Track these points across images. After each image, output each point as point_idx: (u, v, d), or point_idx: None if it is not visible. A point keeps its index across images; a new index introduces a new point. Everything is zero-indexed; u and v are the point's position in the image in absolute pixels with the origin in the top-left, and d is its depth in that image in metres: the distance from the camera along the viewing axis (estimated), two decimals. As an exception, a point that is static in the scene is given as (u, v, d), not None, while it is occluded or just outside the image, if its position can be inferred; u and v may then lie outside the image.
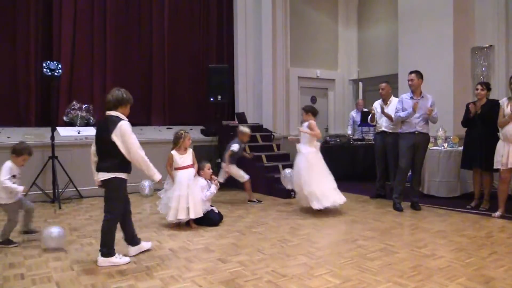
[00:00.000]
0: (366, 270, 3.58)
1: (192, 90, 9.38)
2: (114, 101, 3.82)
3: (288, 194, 7.01)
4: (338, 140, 9.41)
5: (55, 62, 6.79)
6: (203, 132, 8.59)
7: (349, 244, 4.40)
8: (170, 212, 4.99)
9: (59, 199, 6.47)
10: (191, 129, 8.41)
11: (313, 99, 11.05)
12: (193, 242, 4.51)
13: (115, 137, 3.70)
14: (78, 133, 7.45)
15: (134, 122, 8.23)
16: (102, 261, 3.77)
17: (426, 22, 8.22)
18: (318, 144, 6.09)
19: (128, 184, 3.98)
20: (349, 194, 7.40)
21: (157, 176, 3.97)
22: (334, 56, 11.39)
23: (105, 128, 3.76)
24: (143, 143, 4.02)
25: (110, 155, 3.75)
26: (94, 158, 3.91)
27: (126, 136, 3.72)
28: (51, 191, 6.72)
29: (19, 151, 4.45)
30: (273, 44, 9.68)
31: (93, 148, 3.93)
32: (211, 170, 5.51)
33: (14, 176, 4.39)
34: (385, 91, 6.79)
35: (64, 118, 7.83)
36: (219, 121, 8.44)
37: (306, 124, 6.07)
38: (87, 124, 7.89)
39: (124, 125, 3.74)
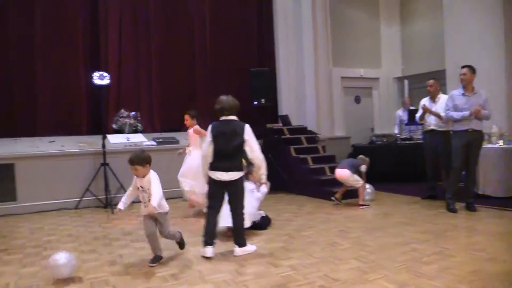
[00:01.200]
0: (423, 275, 3.45)
1: (235, 94, 9.35)
2: (235, 107, 4.38)
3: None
4: (385, 140, 9.20)
5: (103, 72, 7.03)
6: (247, 135, 8.63)
7: (402, 247, 4.26)
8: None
9: (111, 205, 6.70)
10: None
11: (357, 99, 10.87)
12: (243, 246, 4.52)
13: (247, 137, 4.17)
14: (127, 140, 7.69)
15: (178, 128, 8.55)
16: (241, 251, 4.17)
17: (474, 14, 7.83)
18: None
19: (171, 189, 4.08)
20: (398, 195, 7.23)
21: (265, 177, 4.41)
22: (377, 55, 11.16)
23: (235, 130, 4.19)
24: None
25: (239, 155, 4.20)
26: (209, 160, 4.17)
27: (251, 137, 4.21)
28: (104, 196, 6.95)
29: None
30: (315, 44, 9.60)
31: (210, 150, 4.19)
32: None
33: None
34: (433, 88, 6.55)
35: (113, 125, 8.11)
36: (263, 125, 8.45)
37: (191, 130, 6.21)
38: (135, 131, 8.13)
39: (249, 127, 4.24)
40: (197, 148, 5.93)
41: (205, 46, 9.33)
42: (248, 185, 5.28)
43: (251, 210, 4.85)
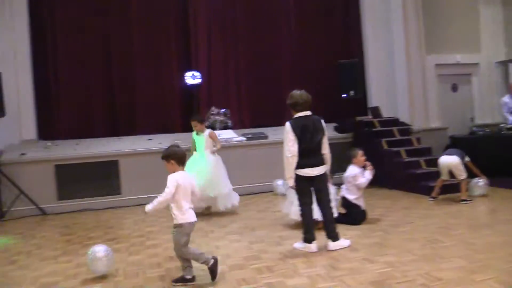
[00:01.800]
0: (540, 277, 3.13)
1: (322, 88, 9.32)
2: (309, 101, 4.25)
3: (432, 191, 6.49)
4: (487, 130, 8.46)
5: (195, 72, 7.33)
6: (337, 129, 8.47)
7: (513, 246, 3.90)
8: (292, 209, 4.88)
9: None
10: (324, 127, 8.40)
11: (454, 87, 10.12)
12: (336, 240, 4.44)
13: (325, 131, 4.21)
14: (219, 136, 7.93)
15: (267, 123, 8.66)
16: (334, 245, 4.10)
17: None
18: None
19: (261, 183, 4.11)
20: (505, 190, 6.62)
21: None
22: (475, 38, 10.26)
23: (316, 125, 4.17)
24: (277, 143, 4.15)
25: (321, 149, 4.17)
26: (296, 159, 4.09)
27: (326, 132, 4.22)
28: (198, 190, 7.25)
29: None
30: (405, 31, 9.11)
31: (296, 147, 4.07)
32: (364, 157, 5.28)
33: None
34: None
35: (205, 122, 8.44)
36: (353, 117, 8.23)
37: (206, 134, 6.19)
38: (226, 127, 8.38)
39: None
40: (209, 152, 6.10)
41: (290, 41, 9.33)
42: (352, 169, 5.14)
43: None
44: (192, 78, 7.23)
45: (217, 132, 8.13)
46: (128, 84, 8.48)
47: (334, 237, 4.16)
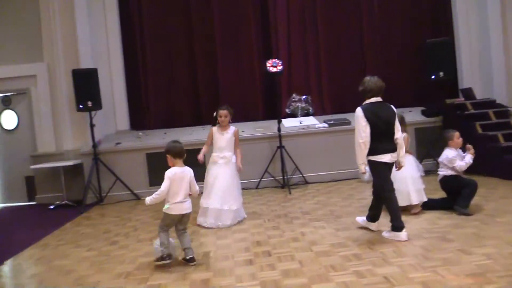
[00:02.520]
0: None
1: (408, 69, 8.87)
2: (382, 88, 4.22)
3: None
4: None
5: (276, 60, 7.34)
6: (424, 113, 8.01)
7: None
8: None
9: (288, 185, 7.02)
10: (410, 111, 8.02)
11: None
12: (427, 229, 4.25)
13: (396, 117, 4.16)
14: (300, 123, 7.93)
15: (349, 109, 8.44)
16: (389, 235, 4.08)
17: None
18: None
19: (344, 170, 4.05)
20: None
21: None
22: None
23: (389, 111, 4.14)
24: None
25: (394, 136, 4.09)
26: (368, 145, 4.06)
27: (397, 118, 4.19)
28: (281, 177, 7.32)
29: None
30: (502, 3, 8.34)
31: (368, 133, 4.04)
32: (461, 139, 5.02)
33: None
34: None
35: (287, 110, 8.46)
36: (442, 100, 7.73)
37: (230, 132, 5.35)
38: (307, 114, 8.34)
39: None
40: (232, 155, 5.23)
41: (373, 22, 8.95)
42: (448, 152, 4.91)
43: None
44: (274, 65, 7.24)
45: (298, 119, 8.13)
46: (211, 74, 8.74)
47: (394, 226, 4.04)
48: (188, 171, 3.94)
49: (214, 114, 5.32)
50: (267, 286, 3.16)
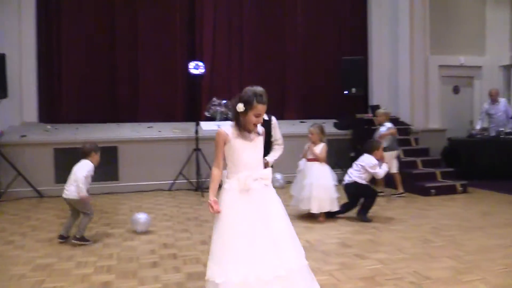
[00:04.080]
0: (527, 281, 3.17)
1: (325, 83, 9.34)
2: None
3: (427, 191, 6.55)
4: (486, 134, 8.50)
5: (198, 62, 7.34)
6: (336, 125, 8.49)
7: (504, 250, 3.94)
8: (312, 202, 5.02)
9: (202, 188, 7.02)
10: (324, 123, 8.40)
11: (456, 89, 10.13)
12: (329, 235, 4.50)
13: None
14: (218, 127, 7.95)
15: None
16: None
17: None
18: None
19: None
20: (499, 194, 6.67)
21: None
22: (481, 41, 10.25)
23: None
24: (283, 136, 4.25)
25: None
26: None
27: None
28: (195, 180, 7.30)
29: (95, 149, 4.49)
30: (411, 30, 9.10)
31: None
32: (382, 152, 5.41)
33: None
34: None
35: (206, 113, 8.46)
36: (353, 115, 8.24)
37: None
38: (226, 118, 8.39)
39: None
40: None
41: (296, 36, 9.32)
42: (369, 159, 5.22)
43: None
44: (196, 68, 7.22)
45: (217, 123, 8.17)
46: (131, 71, 8.48)
47: None
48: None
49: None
50: (170, 289, 3.14)
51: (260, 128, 2.75)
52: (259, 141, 2.74)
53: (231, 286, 2.45)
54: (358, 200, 5.28)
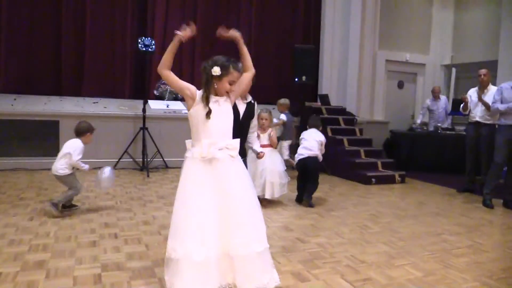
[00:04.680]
0: (451, 266, 3.40)
1: (277, 70, 9.42)
2: None
3: (368, 180, 6.84)
4: (425, 128, 8.97)
5: (149, 38, 7.13)
6: (285, 112, 8.59)
7: (433, 237, 4.20)
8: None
9: (147, 168, 6.90)
10: (273, 109, 8.49)
11: (400, 84, 10.58)
12: (273, 219, 4.59)
13: None
14: (167, 106, 7.83)
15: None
16: None
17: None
18: None
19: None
20: (434, 185, 7.08)
21: None
22: (426, 40, 10.75)
23: None
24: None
25: None
26: None
27: None
28: (141, 159, 7.15)
29: (90, 129, 4.48)
30: (362, 25, 9.37)
31: None
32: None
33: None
34: (486, 78, 6.22)
35: (155, 92, 8.28)
36: (302, 102, 8.38)
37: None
38: (175, 98, 8.26)
39: None
40: None
41: (249, 21, 9.28)
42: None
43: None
44: (146, 44, 7.01)
45: (166, 102, 8.02)
46: (77, 42, 8.08)
47: None
48: None
49: None
50: (109, 269, 3.07)
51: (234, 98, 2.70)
52: (228, 108, 2.61)
53: (191, 263, 2.34)
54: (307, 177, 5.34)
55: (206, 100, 2.54)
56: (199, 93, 2.58)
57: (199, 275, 2.35)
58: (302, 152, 5.38)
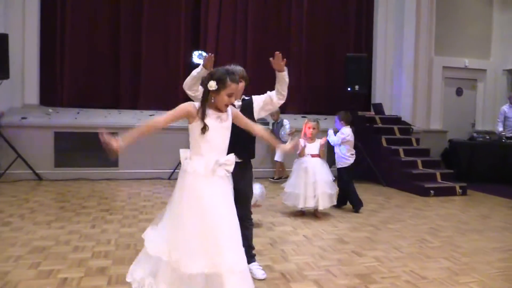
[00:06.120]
0: (523, 285, 3.18)
1: (328, 79, 9.31)
2: None
3: (426, 191, 6.56)
4: (487, 137, 8.50)
5: (202, 51, 7.30)
6: (337, 122, 8.47)
7: (501, 253, 3.95)
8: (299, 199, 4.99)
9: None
10: (325, 119, 8.41)
11: (459, 91, 10.12)
12: (327, 231, 4.50)
13: None
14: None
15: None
16: None
17: None
18: None
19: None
20: (498, 197, 6.68)
21: None
22: (486, 44, 10.23)
23: None
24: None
25: None
26: None
27: None
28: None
29: None
30: (416, 31, 9.08)
31: None
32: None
33: None
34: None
35: (210, 102, 8.42)
36: (355, 112, 8.20)
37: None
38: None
39: None
40: None
41: (301, 29, 9.26)
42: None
43: None
44: (200, 57, 7.19)
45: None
46: (134, 58, 8.42)
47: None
48: None
49: None
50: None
51: (232, 109, 2.65)
52: (229, 123, 2.61)
53: (184, 277, 2.31)
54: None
55: (202, 115, 2.51)
56: (198, 109, 2.53)
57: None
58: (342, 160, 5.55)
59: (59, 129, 7.09)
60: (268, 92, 3.36)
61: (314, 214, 5.12)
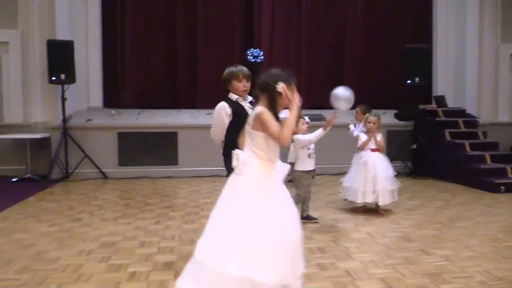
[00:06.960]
0: None
1: (386, 71, 9.02)
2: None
3: (496, 188, 6.17)
4: None
5: (257, 50, 7.32)
6: (397, 116, 8.19)
7: None
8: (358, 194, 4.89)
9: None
10: (383, 113, 8.14)
11: (530, 80, 9.43)
12: (390, 229, 4.36)
13: None
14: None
15: (325, 105, 8.52)
16: None
17: None
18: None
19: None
20: None
21: None
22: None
23: None
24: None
25: None
26: None
27: None
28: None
29: None
30: (480, 17, 8.57)
31: None
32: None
33: None
34: None
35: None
36: (416, 105, 7.89)
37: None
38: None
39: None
40: None
41: (356, 21, 9.04)
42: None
43: None
44: (254, 55, 7.23)
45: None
46: (191, 59, 8.62)
47: None
48: None
49: None
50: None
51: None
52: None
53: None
54: None
55: (277, 118, 2.40)
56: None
57: None
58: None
59: (122, 129, 7.39)
60: None
61: (375, 211, 4.97)
